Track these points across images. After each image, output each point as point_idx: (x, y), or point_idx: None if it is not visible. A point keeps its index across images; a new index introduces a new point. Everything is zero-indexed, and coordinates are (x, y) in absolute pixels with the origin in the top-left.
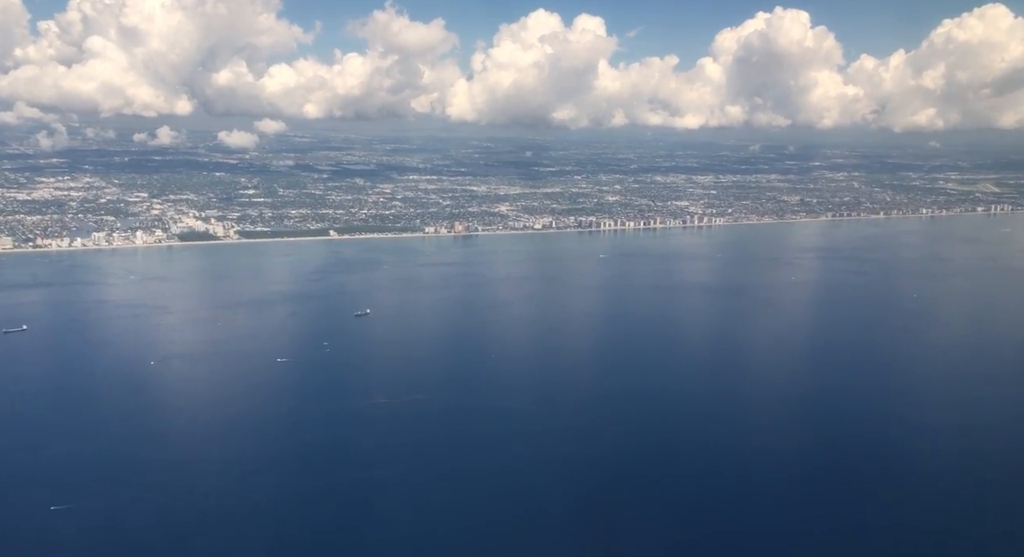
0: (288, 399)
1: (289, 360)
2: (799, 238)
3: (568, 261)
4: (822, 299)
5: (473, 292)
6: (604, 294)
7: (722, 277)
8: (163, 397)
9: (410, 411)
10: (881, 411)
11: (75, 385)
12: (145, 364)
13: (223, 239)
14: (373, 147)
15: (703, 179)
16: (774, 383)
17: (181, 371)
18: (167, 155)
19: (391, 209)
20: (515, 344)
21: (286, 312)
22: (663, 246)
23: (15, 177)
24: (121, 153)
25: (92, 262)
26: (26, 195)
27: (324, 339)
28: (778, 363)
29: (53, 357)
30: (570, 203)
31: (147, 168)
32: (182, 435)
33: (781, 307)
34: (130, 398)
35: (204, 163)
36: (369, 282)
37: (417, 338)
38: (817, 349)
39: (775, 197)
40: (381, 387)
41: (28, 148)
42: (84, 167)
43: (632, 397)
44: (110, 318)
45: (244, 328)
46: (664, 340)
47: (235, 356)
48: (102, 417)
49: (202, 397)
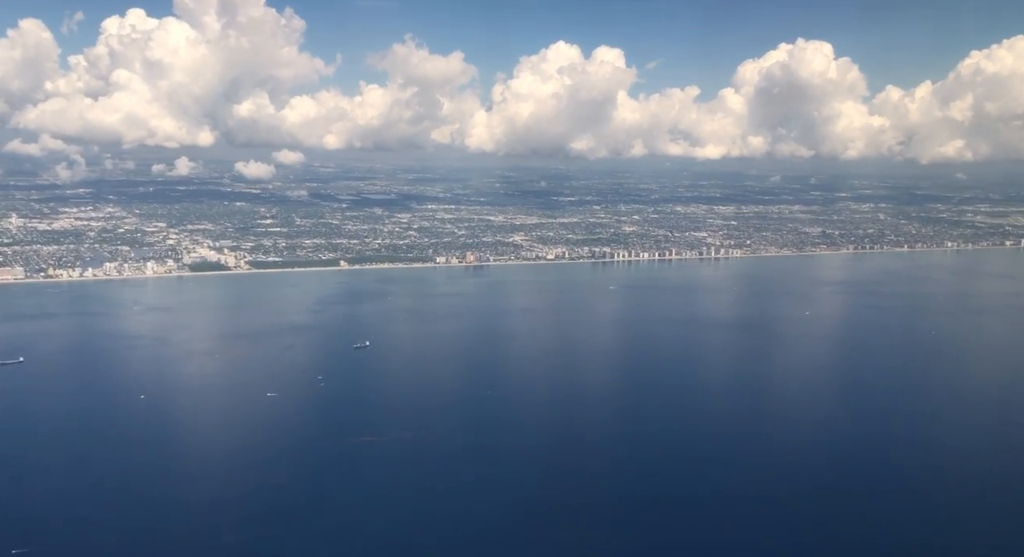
0: (268, 437)
1: (279, 395)
2: (817, 271)
3: (577, 293)
4: (834, 335)
5: (476, 324)
6: (608, 328)
7: (732, 311)
8: (143, 434)
9: (393, 451)
10: (891, 476)
11: (61, 420)
12: (135, 398)
13: (233, 269)
14: (396, 177)
15: (724, 210)
16: (761, 432)
17: (168, 406)
18: (191, 185)
19: (405, 239)
20: (512, 379)
21: (285, 344)
22: (676, 278)
23: (40, 207)
24: (146, 183)
25: (100, 292)
26: (47, 225)
27: (320, 372)
28: (770, 409)
29: (45, 391)
30: (586, 233)
31: (169, 198)
32: (152, 475)
33: (789, 344)
34: (112, 434)
35: (226, 193)
36: (373, 313)
37: (415, 372)
38: (822, 391)
39: (796, 229)
40: (369, 424)
41: (57, 179)
42: (108, 197)
43: (626, 439)
44: (108, 350)
45: (240, 361)
46: (662, 375)
47: (225, 390)
48: (80, 454)
49: (183, 434)
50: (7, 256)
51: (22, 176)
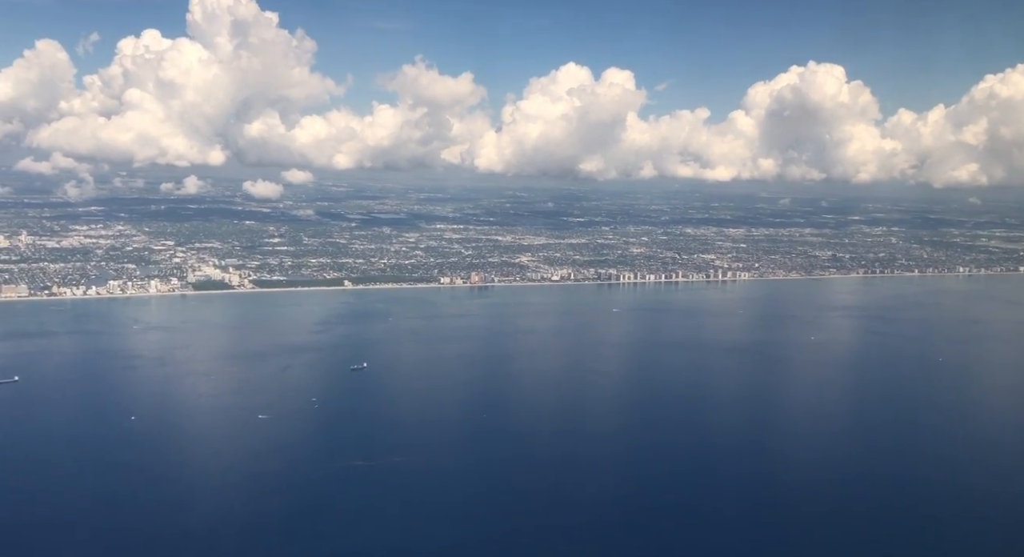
0: (254, 460)
1: (270, 417)
2: (825, 295)
3: (579, 315)
4: (839, 360)
5: (474, 346)
6: (608, 351)
7: (736, 334)
8: (129, 456)
9: (382, 476)
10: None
11: (46, 442)
12: (125, 420)
13: (237, 288)
14: (407, 196)
15: (735, 232)
16: (756, 458)
17: (157, 428)
18: (203, 204)
19: (411, 258)
20: (508, 403)
21: (282, 365)
22: (681, 300)
23: (51, 225)
24: (158, 201)
25: (102, 311)
26: (56, 243)
27: (314, 394)
28: (767, 437)
29: (36, 411)
30: (593, 254)
31: (180, 216)
32: (132, 500)
33: (792, 368)
34: (98, 456)
35: (237, 211)
36: (372, 334)
37: (410, 394)
38: (825, 423)
39: (806, 252)
40: (360, 447)
41: (67, 197)
42: (119, 215)
43: (618, 466)
44: (104, 370)
45: (234, 381)
46: (657, 402)
47: (216, 412)
48: (63, 477)
49: (167, 456)
50: (13, 274)
51: (36, 194)
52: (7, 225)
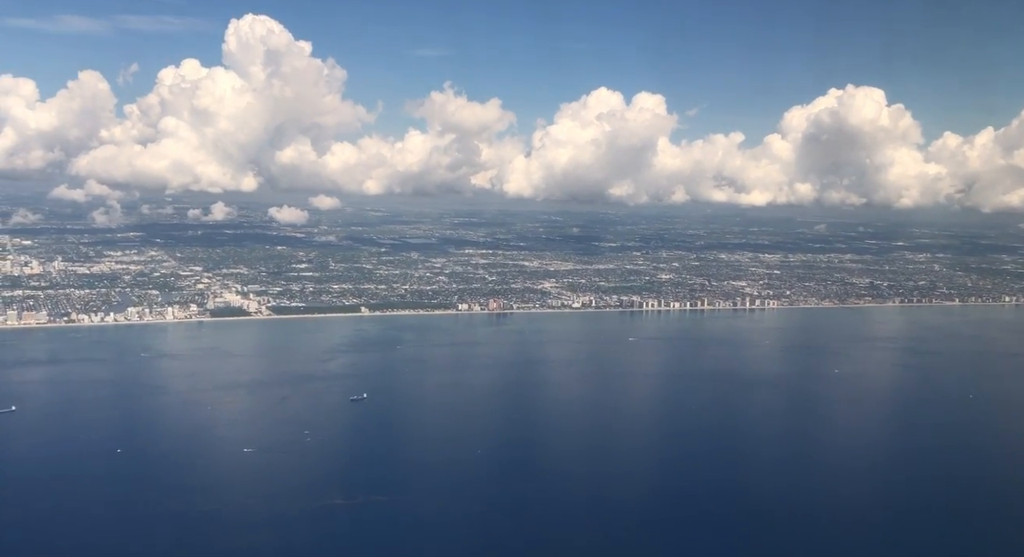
0: (228, 496)
1: (255, 450)
2: (856, 325)
3: (594, 343)
4: (859, 395)
5: (481, 376)
6: (618, 382)
7: (755, 366)
8: (105, 490)
9: (361, 515)
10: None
11: (25, 474)
12: (112, 452)
13: (254, 315)
14: (442, 221)
15: (770, 258)
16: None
17: (140, 460)
18: (239, 229)
19: (434, 284)
20: (504, 440)
21: (281, 395)
22: (703, 329)
23: (87, 250)
24: (196, 227)
25: (115, 338)
26: (87, 269)
27: (308, 426)
28: (777, 487)
29: (24, 443)
30: (620, 280)
31: (214, 242)
32: (94, 538)
33: (810, 402)
34: (74, 491)
35: (272, 237)
36: (379, 363)
37: (407, 428)
38: (821, 456)
39: (843, 279)
40: (343, 484)
41: (99, 223)
42: (155, 241)
43: (618, 510)
44: (102, 399)
45: (230, 412)
46: (662, 438)
47: (203, 444)
48: (32, 512)
49: (139, 491)
50: (39, 300)
51: (68, 220)
52: (45, 251)
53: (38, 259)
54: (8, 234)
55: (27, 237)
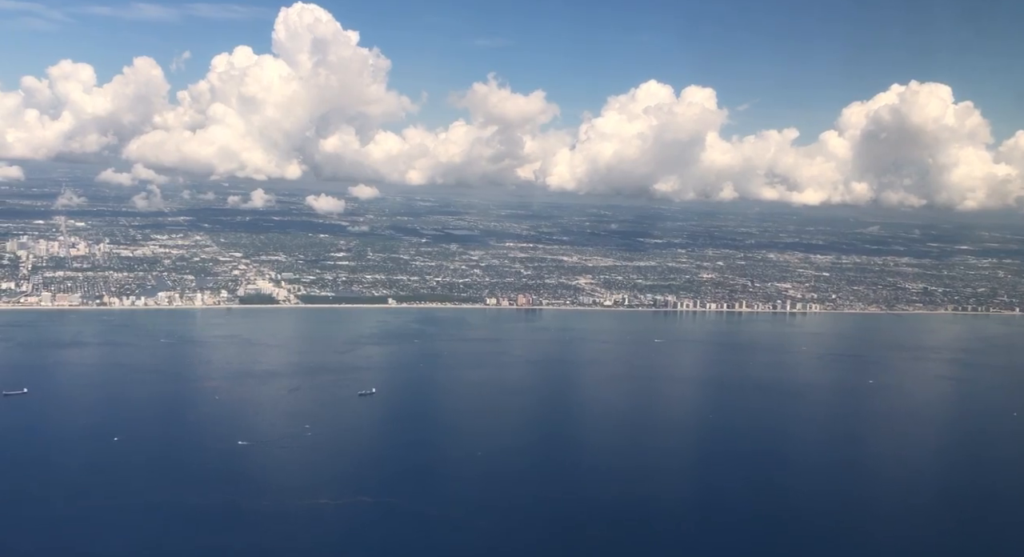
0: (207, 492)
1: (250, 443)
2: (902, 332)
3: (617, 344)
4: (890, 410)
5: (493, 374)
6: (634, 385)
7: (780, 374)
8: (90, 479)
9: (343, 516)
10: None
11: (12, 458)
12: (108, 440)
13: (282, 303)
14: (489, 212)
15: (822, 259)
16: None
17: (132, 450)
18: (286, 216)
19: (466, 277)
20: (508, 440)
21: (291, 387)
22: (735, 333)
23: (135, 233)
24: (244, 213)
25: (142, 322)
26: (130, 252)
27: (311, 420)
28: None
29: (27, 425)
30: (658, 278)
31: (260, 228)
32: (68, 529)
33: (830, 415)
34: (62, 479)
35: (316, 225)
36: (394, 357)
37: (411, 425)
38: (826, 477)
39: (895, 283)
40: (333, 482)
41: (140, 208)
42: (203, 226)
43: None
44: (113, 383)
45: (235, 403)
46: (667, 443)
47: (200, 436)
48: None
49: (121, 483)
50: (78, 281)
51: (123, 203)
52: (96, 233)
53: (86, 241)
54: (64, 215)
55: (81, 219)
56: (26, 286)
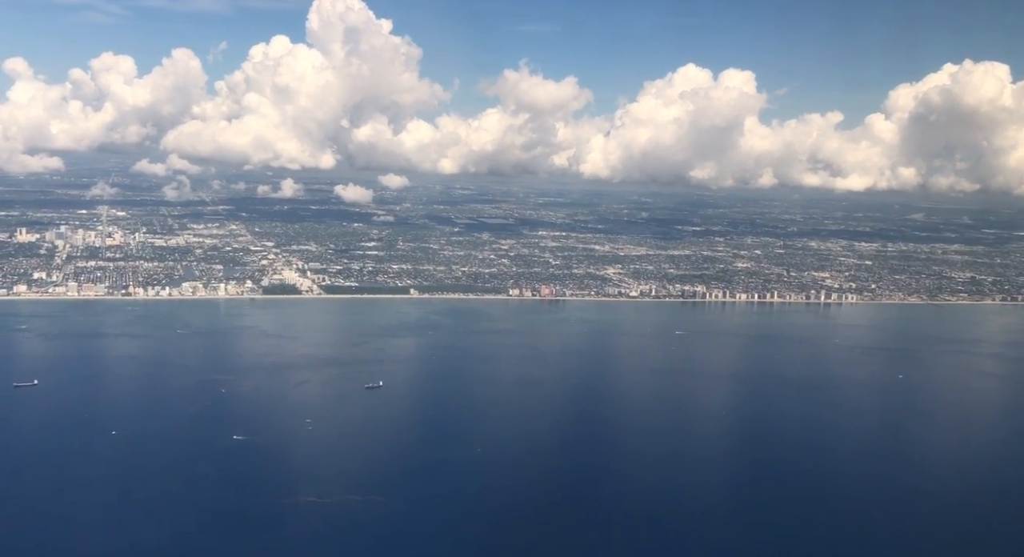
0: (196, 488)
1: (246, 438)
2: (941, 324)
3: (638, 336)
4: (916, 407)
5: (506, 367)
6: (649, 379)
7: (808, 368)
8: (81, 473)
9: (329, 515)
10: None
11: (8, 451)
12: (106, 434)
13: (305, 293)
14: (526, 201)
15: (866, 247)
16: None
17: (128, 444)
18: (323, 205)
19: (493, 267)
20: (511, 438)
21: (298, 379)
22: (763, 325)
23: (172, 223)
24: (282, 202)
25: (162, 312)
26: (164, 241)
27: (313, 414)
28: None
29: (30, 417)
30: (691, 268)
31: (297, 217)
32: (55, 525)
33: (860, 414)
34: (55, 474)
35: (352, 214)
36: (407, 349)
37: (414, 420)
38: (831, 482)
39: (941, 272)
40: (323, 480)
41: (170, 198)
42: (240, 215)
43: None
44: (122, 376)
45: (239, 396)
46: (672, 440)
47: (199, 429)
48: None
49: (111, 477)
50: (107, 271)
51: (144, 192)
52: (135, 222)
53: (124, 230)
54: (107, 204)
55: (123, 208)
56: (56, 276)
